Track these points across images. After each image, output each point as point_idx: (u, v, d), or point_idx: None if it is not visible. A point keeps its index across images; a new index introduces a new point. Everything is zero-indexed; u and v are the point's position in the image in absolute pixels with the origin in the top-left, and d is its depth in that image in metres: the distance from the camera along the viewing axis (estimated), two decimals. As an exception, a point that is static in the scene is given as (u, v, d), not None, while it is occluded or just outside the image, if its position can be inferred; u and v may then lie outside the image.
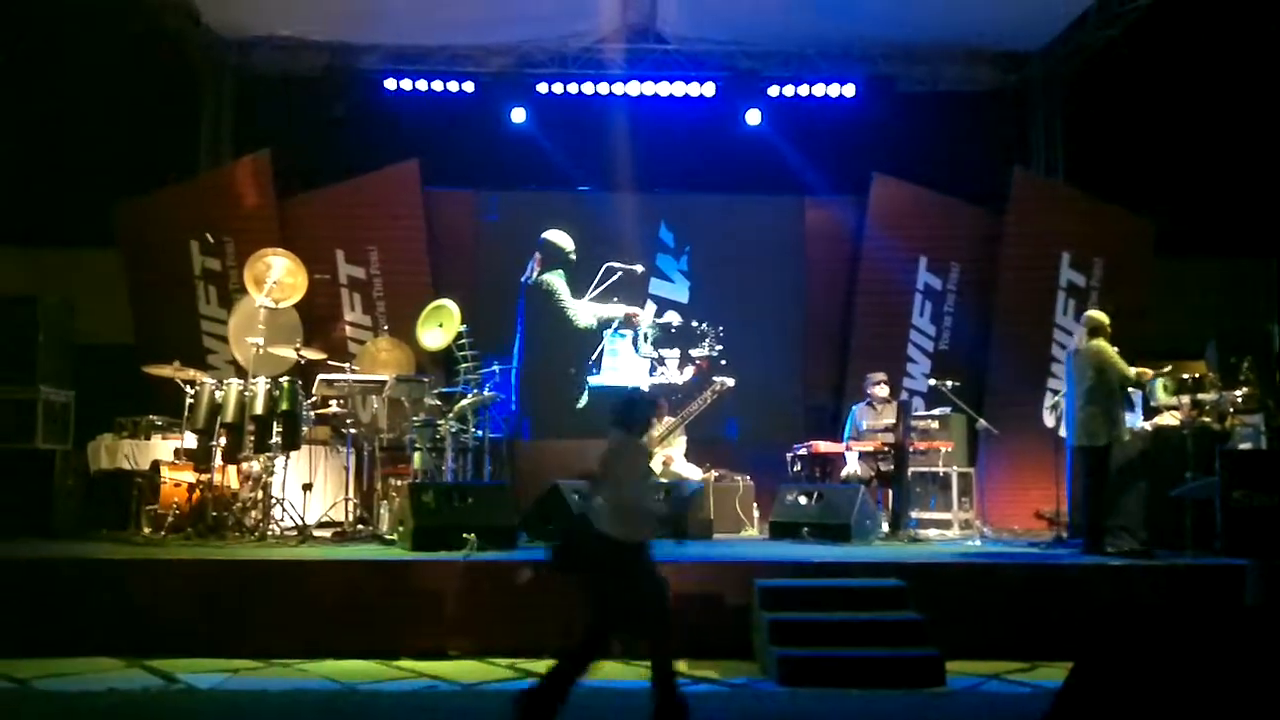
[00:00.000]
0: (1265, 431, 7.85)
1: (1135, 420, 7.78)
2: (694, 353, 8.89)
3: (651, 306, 10.73)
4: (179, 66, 10.94)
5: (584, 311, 8.33)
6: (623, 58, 11.13)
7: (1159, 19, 10.06)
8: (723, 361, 8.83)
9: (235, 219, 10.44)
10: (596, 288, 8.49)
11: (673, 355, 9.03)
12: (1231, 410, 7.78)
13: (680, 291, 11.03)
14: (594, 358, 8.63)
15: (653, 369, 9.05)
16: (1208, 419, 7.75)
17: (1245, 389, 7.80)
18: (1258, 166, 10.41)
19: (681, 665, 5.90)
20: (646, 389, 9.13)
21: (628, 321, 8.98)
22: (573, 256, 8.34)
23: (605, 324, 8.54)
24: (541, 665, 5.81)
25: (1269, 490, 6.84)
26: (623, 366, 9.06)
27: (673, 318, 9.17)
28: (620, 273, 8.69)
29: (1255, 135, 10.42)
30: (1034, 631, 6.03)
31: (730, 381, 9.10)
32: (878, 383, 9.45)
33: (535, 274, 8.25)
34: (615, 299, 8.45)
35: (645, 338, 8.93)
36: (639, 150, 10.91)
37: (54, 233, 10.61)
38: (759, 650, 5.84)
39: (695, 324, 8.90)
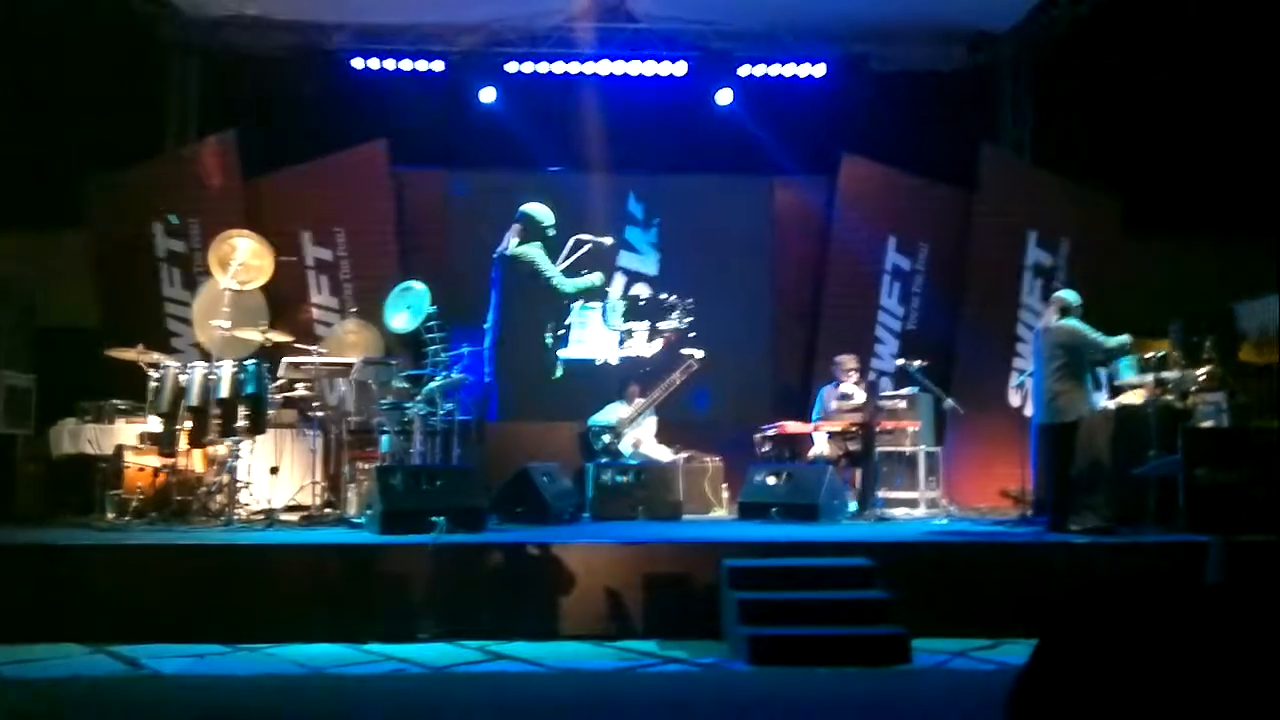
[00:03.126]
0: (1227, 409, 7.94)
1: (1100, 399, 7.85)
2: (662, 326, 8.87)
3: (621, 279, 10.71)
4: (145, 46, 10.78)
5: (566, 281, 8.34)
6: (593, 37, 11.05)
7: (1127, -1, 10.13)
8: (691, 334, 8.86)
9: (200, 200, 10.31)
10: (565, 260, 8.46)
11: (641, 328, 9.00)
12: (1194, 389, 7.86)
13: (649, 264, 11.04)
14: (561, 331, 8.59)
15: (621, 341, 9.04)
16: (1171, 397, 7.84)
17: (1208, 367, 7.89)
18: (1224, 146, 10.49)
19: (650, 646, 5.95)
20: (615, 362, 9.10)
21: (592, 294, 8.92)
22: (552, 231, 8.30)
23: (585, 292, 8.52)
24: (511, 648, 5.85)
25: (1231, 467, 6.93)
26: (590, 339, 9.03)
27: (641, 290, 9.15)
28: (589, 245, 8.64)
29: (1223, 115, 10.50)
30: (999, 609, 6.07)
31: (699, 353, 9.09)
32: (849, 370, 9.48)
33: (513, 245, 8.19)
34: (584, 271, 8.40)
35: (614, 310, 8.88)
36: (609, 130, 10.88)
37: (15, 215, 10.44)
38: (728, 630, 5.86)
39: (664, 296, 8.89)
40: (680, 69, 11.07)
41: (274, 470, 8.10)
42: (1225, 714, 3.24)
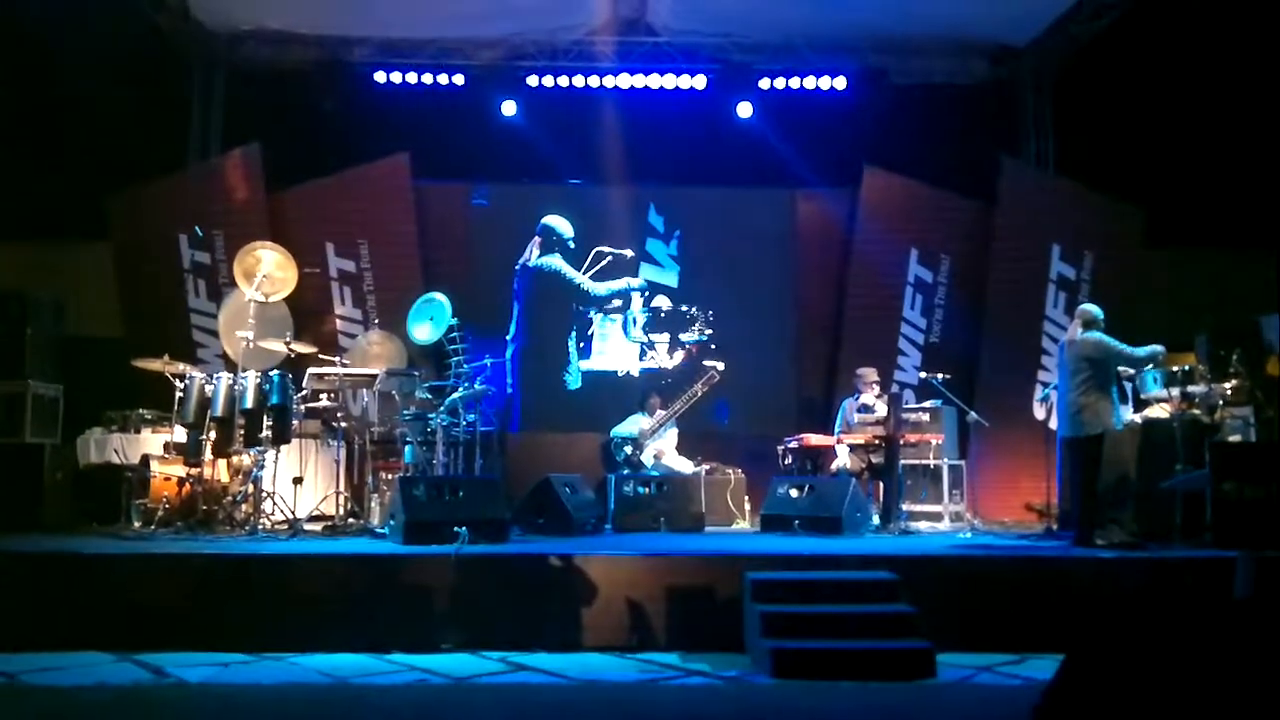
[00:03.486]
0: (1254, 424, 7.89)
1: (1126, 412, 7.80)
2: (684, 337, 8.90)
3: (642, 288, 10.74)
4: (168, 60, 10.89)
5: (597, 284, 8.40)
6: (613, 50, 11.13)
7: (1147, 11, 10.08)
8: (713, 346, 8.88)
9: (225, 212, 10.42)
10: (586, 272, 8.54)
11: (662, 340, 9.03)
12: (1221, 402, 7.81)
13: (669, 276, 11.06)
14: (583, 344, 8.64)
15: (643, 353, 9.07)
16: (1197, 411, 7.79)
17: (1234, 381, 7.83)
18: (1247, 158, 10.43)
19: (672, 658, 5.94)
20: (637, 374, 9.13)
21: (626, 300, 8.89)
22: (572, 244, 8.40)
23: (616, 295, 8.57)
24: (533, 659, 5.85)
25: (1258, 482, 6.87)
26: (612, 350, 9.08)
27: (662, 302, 9.18)
28: (610, 257, 8.70)
29: (1246, 127, 10.44)
30: (1025, 623, 6.03)
31: (720, 365, 9.11)
32: (871, 382, 9.46)
33: (535, 257, 8.26)
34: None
35: (635, 321, 8.93)
36: (630, 143, 10.93)
37: (42, 226, 10.56)
38: (750, 643, 5.84)
39: (685, 308, 8.93)
40: (700, 82, 11.12)
41: (298, 480, 8.13)
42: (1256, 729, 3.21)
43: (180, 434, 7.94)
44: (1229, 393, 7.80)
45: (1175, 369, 7.93)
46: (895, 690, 5.23)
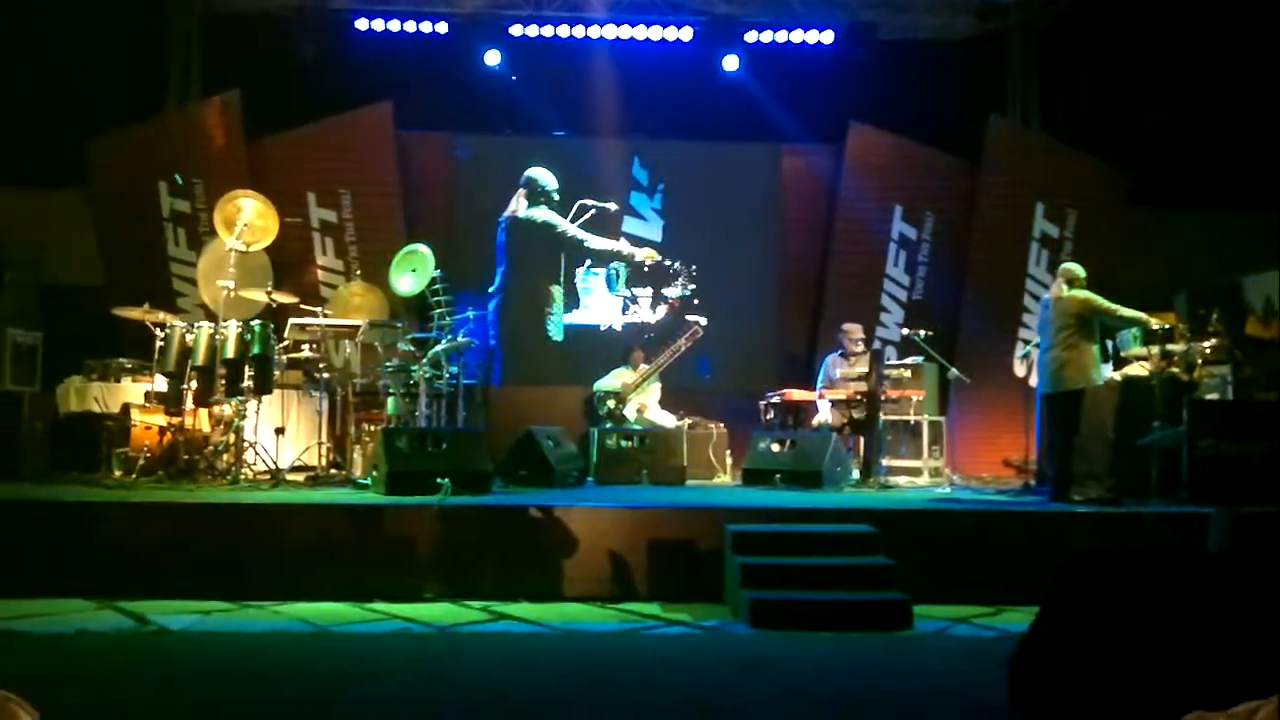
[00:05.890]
0: (1232, 382, 7.94)
1: (1106, 370, 7.85)
2: (667, 292, 8.88)
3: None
4: (148, 4, 10.70)
5: (591, 238, 8.34)
6: (599, 1, 10.98)
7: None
8: (695, 301, 8.88)
9: (204, 160, 10.30)
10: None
11: (645, 294, 9.01)
12: (1199, 361, 7.85)
13: (653, 230, 11.02)
14: (566, 297, 8.60)
15: (626, 307, 9.05)
16: (1176, 369, 7.83)
17: (1213, 340, 7.88)
18: (1232, 118, 10.43)
19: (653, 609, 5.99)
20: (620, 328, 9.12)
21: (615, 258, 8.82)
22: (556, 196, 8.36)
23: (608, 254, 8.52)
24: (515, 608, 5.90)
25: (1235, 439, 6.94)
26: (595, 305, 9.07)
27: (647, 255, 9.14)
28: (594, 210, 8.66)
29: (1231, 87, 10.43)
30: (1001, 577, 6.11)
31: (703, 320, 9.10)
32: (855, 339, 9.47)
33: (522, 209, 8.21)
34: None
35: (618, 275, 8.89)
36: (615, 96, 10.84)
37: (21, 172, 10.41)
38: (730, 594, 5.90)
39: (668, 263, 8.90)
40: (687, 34, 11.01)
41: (280, 431, 8.12)
42: (1224, 678, 3.27)
43: (161, 383, 7.90)
44: (1208, 351, 7.83)
45: (1155, 327, 7.97)
46: (872, 641, 5.30)
